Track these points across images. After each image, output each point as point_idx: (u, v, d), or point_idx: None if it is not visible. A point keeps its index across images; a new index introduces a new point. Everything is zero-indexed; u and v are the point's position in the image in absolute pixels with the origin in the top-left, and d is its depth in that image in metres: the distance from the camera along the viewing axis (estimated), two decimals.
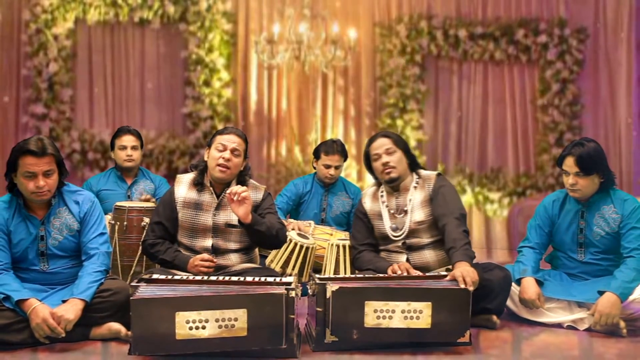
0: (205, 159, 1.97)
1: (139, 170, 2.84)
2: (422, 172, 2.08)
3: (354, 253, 2.12)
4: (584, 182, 2.00)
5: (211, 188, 1.97)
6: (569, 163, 2.00)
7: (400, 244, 2.02)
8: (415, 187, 2.03)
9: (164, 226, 1.98)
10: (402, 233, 2.00)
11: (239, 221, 1.86)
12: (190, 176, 2.01)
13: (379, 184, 2.11)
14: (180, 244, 1.99)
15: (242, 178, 1.98)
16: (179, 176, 2.04)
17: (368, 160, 2.07)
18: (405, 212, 2.01)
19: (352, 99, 4.40)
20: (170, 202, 1.98)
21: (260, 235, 1.90)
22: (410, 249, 2.01)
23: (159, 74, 4.24)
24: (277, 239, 1.94)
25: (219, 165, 1.91)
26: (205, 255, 1.91)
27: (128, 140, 2.73)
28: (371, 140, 2.09)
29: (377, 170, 2.05)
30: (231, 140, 1.92)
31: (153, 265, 2.10)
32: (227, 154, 1.91)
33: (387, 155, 2.01)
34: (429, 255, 2.00)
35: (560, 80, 4.30)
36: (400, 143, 2.05)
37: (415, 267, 1.97)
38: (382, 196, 2.06)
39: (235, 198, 1.80)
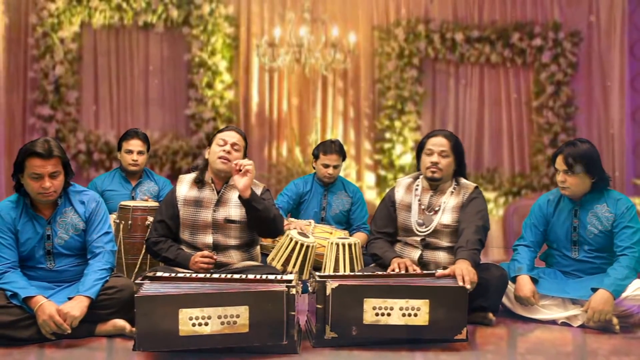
0: (206, 156, 2.03)
1: (144, 172, 2.87)
2: (462, 180, 2.10)
3: (370, 237, 2.17)
4: (572, 180, 2.04)
5: (212, 185, 2.02)
6: (559, 161, 2.06)
7: (419, 239, 2.05)
8: (452, 192, 2.06)
9: (166, 224, 2.03)
10: (427, 230, 2.04)
11: (239, 197, 1.91)
12: (191, 175, 2.07)
13: (415, 177, 2.14)
14: (182, 241, 2.04)
15: None
16: (181, 176, 2.10)
17: (420, 151, 2.09)
18: (436, 211, 2.04)
19: (352, 101, 4.44)
20: (172, 201, 2.03)
21: (258, 216, 1.93)
22: (427, 246, 2.05)
23: (163, 77, 4.29)
24: (274, 223, 1.97)
25: (220, 157, 1.97)
26: (206, 252, 1.96)
27: (135, 144, 2.76)
28: (431, 135, 2.09)
29: (424, 163, 2.07)
30: (231, 136, 1.99)
31: (157, 264, 2.14)
32: (227, 147, 1.97)
33: (439, 156, 2.03)
34: (442, 257, 2.04)
35: (555, 82, 4.34)
36: (457, 149, 2.06)
37: (426, 264, 2.02)
38: (416, 189, 2.09)
39: (241, 169, 1.88)
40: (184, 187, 2.04)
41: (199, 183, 2.03)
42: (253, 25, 4.34)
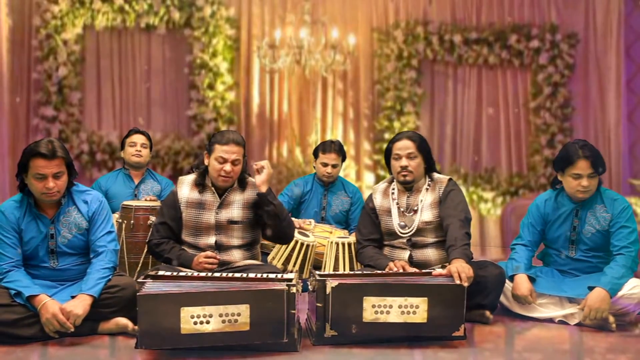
0: (205, 163, 2.03)
1: (146, 171, 2.91)
2: (435, 175, 2.12)
3: (358, 247, 2.18)
4: (595, 182, 2.04)
5: (213, 188, 2.04)
6: (584, 166, 2.00)
7: (405, 240, 2.07)
8: (427, 189, 2.08)
9: (168, 226, 2.04)
10: (410, 231, 2.06)
11: (257, 193, 1.98)
12: (191, 177, 2.08)
13: (390, 180, 2.16)
14: (184, 242, 2.05)
15: (241, 175, 2.05)
16: (180, 178, 2.11)
17: (388, 156, 2.11)
18: (415, 211, 2.06)
19: (351, 102, 4.47)
20: (174, 203, 2.04)
21: (273, 212, 1.96)
22: (414, 246, 2.07)
23: (165, 78, 4.32)
24: (286, 222, 2.00)
25: (220, 176, 1.98)
26: (209, 253, 1.98)
27: (138, 138, 2.81)
28: (396, 139, 2.10)
29: (394, 168, 2.09)
30: (231, 151, 1.97)
31: (159, 263, 2.16)
32: (227, 167, 1.97)
33: (407, 159, 2.05)
34: (431, 254, 2.06)
35: (552, 83, 4.37)
36: (423, 148, 2.07)
37: (417, 263, 2.04)
38: (393, 193, 2.11)
39: (259, 170, 1.98)
40: (185, 189, 2.05)
41: (200, 186, 2.04)
42: (254, 27, 4.37)
